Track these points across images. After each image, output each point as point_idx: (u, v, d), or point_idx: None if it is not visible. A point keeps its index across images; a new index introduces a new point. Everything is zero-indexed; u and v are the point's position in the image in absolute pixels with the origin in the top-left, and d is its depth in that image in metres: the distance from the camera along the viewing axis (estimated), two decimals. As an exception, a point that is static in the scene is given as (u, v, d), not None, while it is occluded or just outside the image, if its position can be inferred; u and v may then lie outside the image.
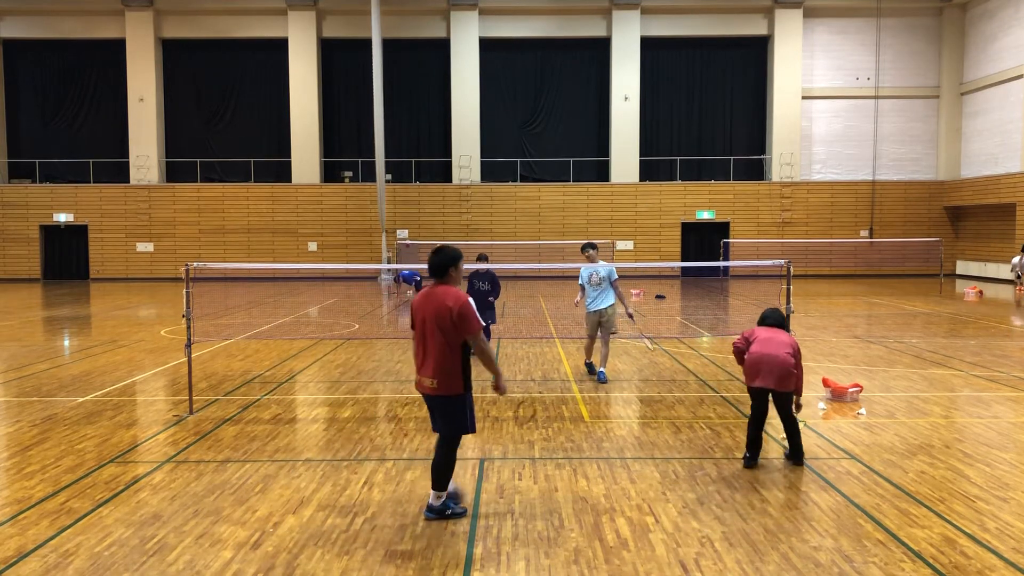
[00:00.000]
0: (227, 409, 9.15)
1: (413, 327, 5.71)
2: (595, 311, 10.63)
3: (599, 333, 10.74)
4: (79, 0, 32.62)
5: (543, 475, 6.68)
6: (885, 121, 33.07)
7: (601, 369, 10.65)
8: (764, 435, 8.03)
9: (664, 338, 14.89)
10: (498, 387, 5.71)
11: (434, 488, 5.63)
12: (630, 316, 11.05)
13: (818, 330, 15.77)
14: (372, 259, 31.93)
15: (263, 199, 32.91)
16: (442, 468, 5.60)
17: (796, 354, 6.87)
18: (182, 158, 33.66)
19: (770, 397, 6.88)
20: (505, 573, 4.83)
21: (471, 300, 5.58)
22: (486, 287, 12.20)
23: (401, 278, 24.56)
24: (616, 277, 10.58)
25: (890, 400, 9.50)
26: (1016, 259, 27.12)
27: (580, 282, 10.84)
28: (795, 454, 6.96)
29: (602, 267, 10.58)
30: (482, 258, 12.27)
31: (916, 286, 27.16)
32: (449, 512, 5.67)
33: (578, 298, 11.12)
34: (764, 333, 7.01)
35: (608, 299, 10.57)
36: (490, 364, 5.67)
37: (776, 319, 7.24)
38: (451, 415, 5.57)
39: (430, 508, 5.66)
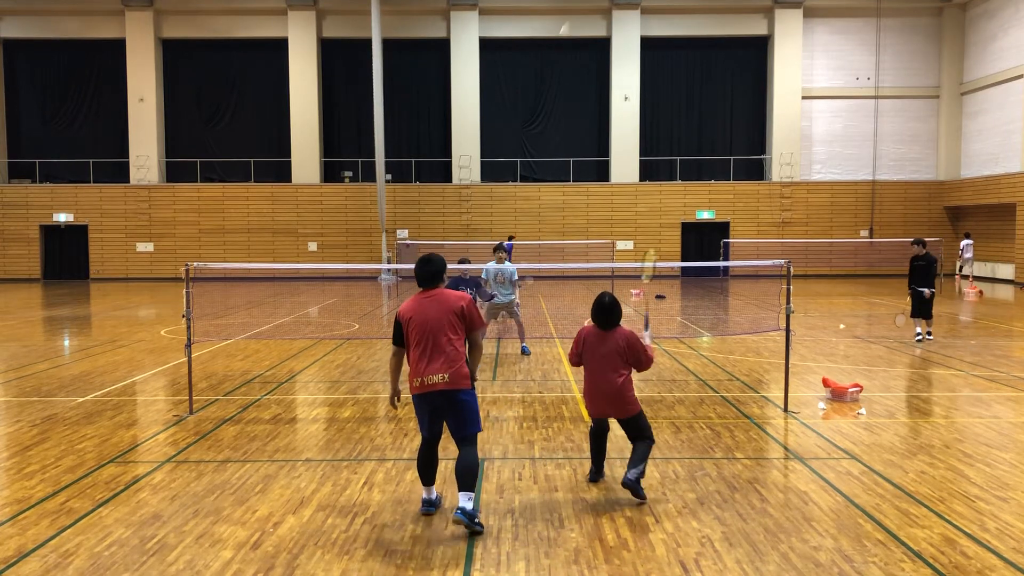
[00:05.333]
0: (227, 409, 9.15)
1: (403, 339, 5.68)
2: (502, 304, 12.55)
3: (502, 316, 13.25)
4: (79, 0, 32.62)
5: (543, 475, 6.68)
6: (885, 121, 33.06)
7: (524, 344, 13.08)
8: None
9: (664, 338, 14.88)
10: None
11: (464, 490, 5.40)
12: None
13: (818, 330, 15.77)
14: (372, 259, 31.93)
15: (263, 199, 32.90)
16: (473, 468, 5.47)
17: (631, 351, 6.14)
18: (182, 158, 33.65)
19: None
20: (505, 573, 4.83)
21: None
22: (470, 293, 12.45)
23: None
24: (517, 278, 12.76)
25: (890, 400, 9.50)
26: (964, 242, 27.31)
27: (486, 277, 12.65)
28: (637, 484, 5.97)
29: (508, 267, 12.65)
30: (464, 261, 12.44)
31: (916, 286, 27.07)
32: (477, 519, 5.43)
33: (492, 294, 12.70)
34: (594, 338, 6.23)
35: (513, 294, 12.76)
36: (478, 361, 5.84)
37: (611, 311, 6.18)
38: (467, 411, 5.56)
39: (463, 511, 5.35)
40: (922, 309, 13.98)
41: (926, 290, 13.85)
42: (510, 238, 29.39)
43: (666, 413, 8.92)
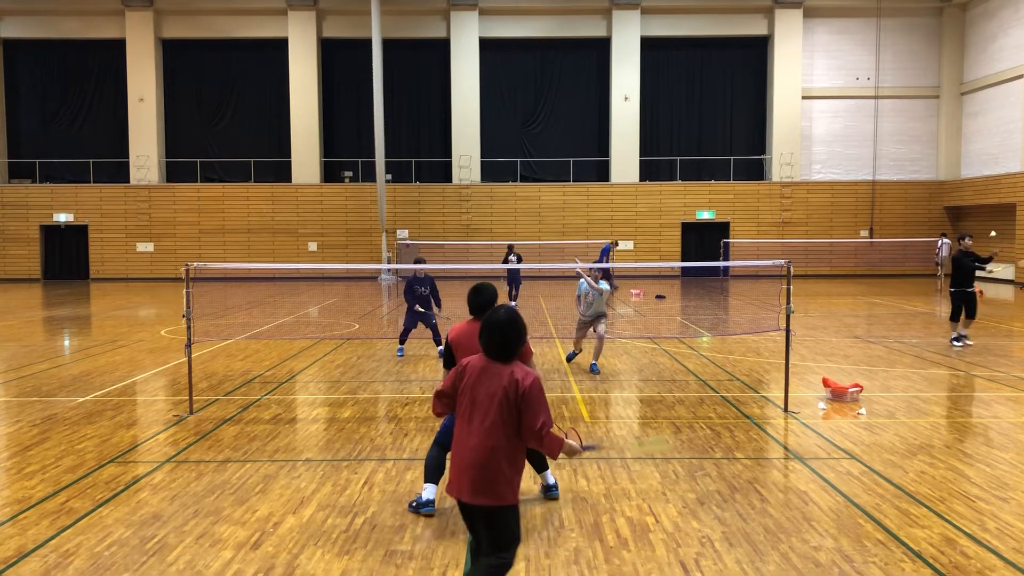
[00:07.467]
0: (227, 409, 9.15)
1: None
2: (591, 319, 11.69)
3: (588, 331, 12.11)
4: (79, 0, 32.63)
5: (543, 475, 6.67)
6: (885, 121, 33.07)
7: (595, 362, 11.67)
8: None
9: (664, 338, 14.88)
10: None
11: (543, 470, 5.72)
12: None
13: (818, 330, 15.77)
14: (372, 259, 31.93)
15: (263, 199, 32.91)
16: None
17: (523, 400, 3.82)
18: (182, 158, 33.65)
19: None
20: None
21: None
22: (426, 292, 12.64)
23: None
24: (604, 296, 11.83)
25: (890, 400, 9.50)
26: (941, 242, 27.51)
27: (580, 293, 11.94)
28: None
29: (600, 286, 11.70)
30: (419, 261, 12.70)
31: (916, 286, 27.15)
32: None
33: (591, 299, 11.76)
34: (476, 372, 3.91)
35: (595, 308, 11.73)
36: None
37: (501, 331, 3.86)
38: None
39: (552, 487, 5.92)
40: (970, 309, 13.71)
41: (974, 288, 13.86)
42: (616, 243, 28.88)
43: (666, 413, 8.92)
